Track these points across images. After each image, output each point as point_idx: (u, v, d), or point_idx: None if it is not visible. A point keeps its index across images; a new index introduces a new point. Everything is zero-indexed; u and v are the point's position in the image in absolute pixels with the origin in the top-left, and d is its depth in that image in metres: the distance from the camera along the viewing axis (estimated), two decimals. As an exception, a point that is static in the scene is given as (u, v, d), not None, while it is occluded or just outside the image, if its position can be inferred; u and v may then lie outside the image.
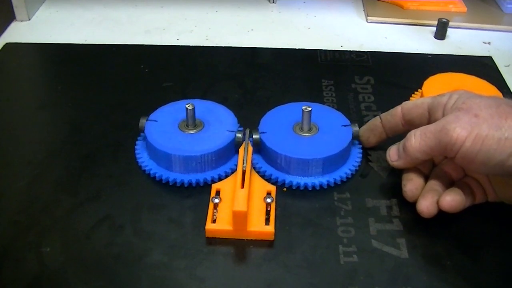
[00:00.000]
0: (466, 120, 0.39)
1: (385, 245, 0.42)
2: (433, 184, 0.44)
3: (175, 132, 0.48)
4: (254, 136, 0.48)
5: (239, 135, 0.48)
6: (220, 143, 0.47)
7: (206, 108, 0.51)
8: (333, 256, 0.41)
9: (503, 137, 0.38)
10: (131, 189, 0.47)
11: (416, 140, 0.42)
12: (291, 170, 0.47)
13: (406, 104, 0.46)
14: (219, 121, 0.50)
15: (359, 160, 0.49)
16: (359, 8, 0.79)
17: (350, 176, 0.48)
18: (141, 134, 0.50)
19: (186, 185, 0.46)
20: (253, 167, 0.47)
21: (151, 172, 0.47)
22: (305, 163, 0.46)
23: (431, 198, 0.42)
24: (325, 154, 0.46)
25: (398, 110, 0.46)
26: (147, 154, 0.49)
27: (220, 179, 0.47)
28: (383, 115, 0.48)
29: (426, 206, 0.42)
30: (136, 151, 0.50)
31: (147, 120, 0.49)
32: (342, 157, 0.48)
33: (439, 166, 0.46)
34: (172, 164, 0.47)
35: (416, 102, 0.45)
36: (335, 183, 0.47)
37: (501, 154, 0.38)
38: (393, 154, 0.45)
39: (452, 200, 0.41)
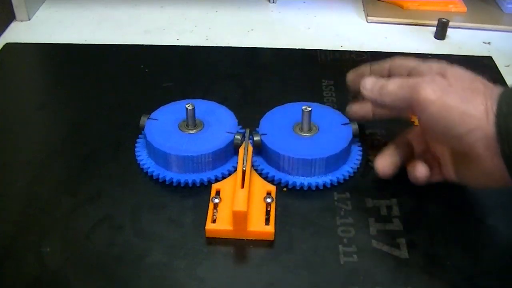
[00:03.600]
0: (439, 85, 0.40)
1: (385, 245, 0.42)
2: (394, 148, 0.46)
3: (175, 132, 0.48)
4: (255, 138, 0.48)
5: (238, 137, 0.48)
6: (219, 143, 0.47)
7: (206, 108, 0.51)
8: (333, 256, 0.41)
9: (468, 113, 0.38)
10: (131, 189, 0.47)
11: (393, 86, 0.42)
12: (291, 170, 0.47)
13: (394, 61, 0.47)
14: (219, 121, 0.50)
15: (359, 160, 0.49)
16: (359, 8, 0.79)
17: (350, 176, 0.48)
18: (142, 132, 0.50)
19: (186, 185, 0.46)
20: (253, 167, 0.48)
21: (151, 172, 0.47)
22: (305, 163, 0.46)
23: (389, 159, 0.46)
24: (325, 154, 0.46)
25: (386, 64, 0.47)
26: (147, 154, 0.49)
27: (220, 179, 0.47)
28: (373, 64, 0.49)
29: (382, 165, 0.45)
30: (136, 151, 0.50)
31: (148, 118, 0.49)
32: (342, 156, 0.48)
33: (404, 134, 0.48)
34: (171, 164, 0.47)
35: (402, 63, 0.46)
36: (334, 183, 0.47)
37: (461, 127, 0.39)
38: (368, 83, 0.44)
39: (424, 171, 0.44)
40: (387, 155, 0.46)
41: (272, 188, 0.46)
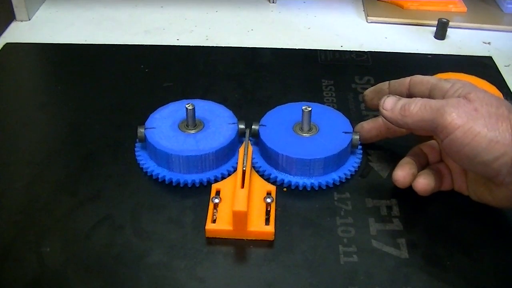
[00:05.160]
0: (465, 110, 0.39)
1: (385, 245, 0.42)
2: (411, 158, 0.46)
3: (175, 132, 0.48)
4: (253, 127, 0.48)
5: (242, 126, 0.48)
6: (220, 143, 0.47)
7: (206, 108, 0.51)
8: (333, 256, 0.41)
9: (495, 140, 0.38)
10: (131, 189, 0.47)
11: (416, 107, 0.42)
12: (291, 170, 0.47)
13: (415, 78, 0.46)
14: (219, 121, 0.50)
15: (359, 160, 0.49)
16: (359, 8, 0.79)
17: (350, 176, 0.48)
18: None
19: (186, 185, 0.46)
20: (253, 167, 0.48)
21: (151, 172, 0.47)
22: (305, 163, 0.46)
23: (408, 170, 0.45)
24: (325, 154, 0.46)
25: (407, 80, 0.46)
26: (147, 154, 0.49)
27: (220, 179, 0.47)
28: (392, 81, 0.48)
29: (403, 176, 0.44)
30: (136, 151, 0.50)
31: (145, 129, 0.49)
32: (342, 157, 0.48)
33: (418, 146, 0.47)
34: (172, 164, 0.47)
35: (423, 79, 0.45)
36: (335, 183, 0.47)
37: (488, 154, 0.38)
38: (388, 104, 0.44)
39: (426, 183, 0.44)
40: (406, 166, 0.45)
41: (272, 188, 0.46)
